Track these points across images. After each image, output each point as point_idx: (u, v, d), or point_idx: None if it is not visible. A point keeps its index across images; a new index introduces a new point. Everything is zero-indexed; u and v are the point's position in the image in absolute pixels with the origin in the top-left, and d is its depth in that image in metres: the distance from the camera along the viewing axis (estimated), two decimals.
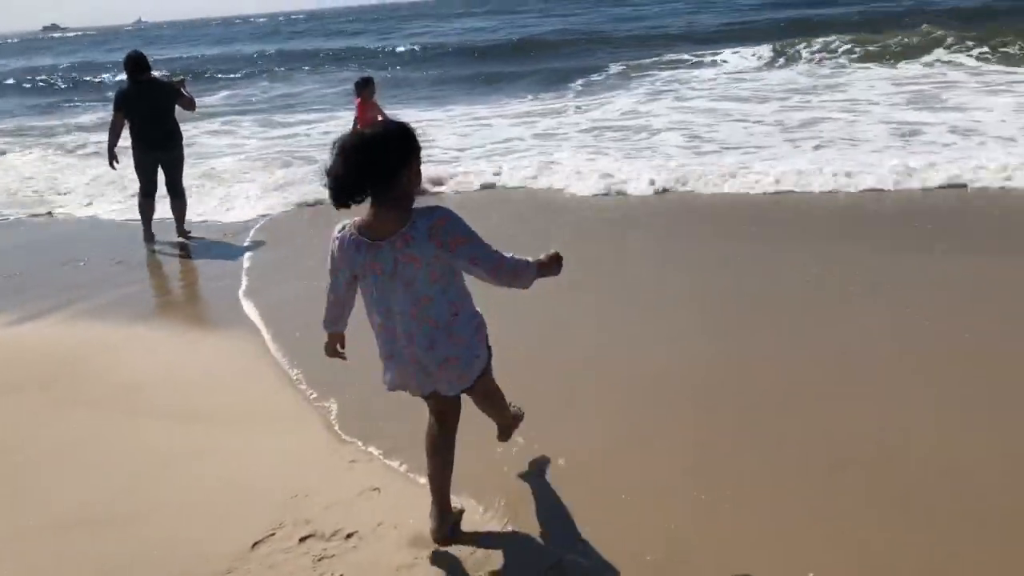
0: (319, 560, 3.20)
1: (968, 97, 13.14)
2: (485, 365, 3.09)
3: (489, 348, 3.11)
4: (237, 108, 21.15)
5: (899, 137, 10.57)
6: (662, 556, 3.08)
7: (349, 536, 3.34)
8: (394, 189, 2.76)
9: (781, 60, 20.79)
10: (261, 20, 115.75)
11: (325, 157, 2.78)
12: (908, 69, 17.48)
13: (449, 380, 3.00)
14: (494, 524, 3.36)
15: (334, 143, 2.76)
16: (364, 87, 10.08)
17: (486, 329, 3.08)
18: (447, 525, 3.20)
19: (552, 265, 3.04)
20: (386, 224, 2.79)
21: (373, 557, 3.20)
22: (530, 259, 2.97)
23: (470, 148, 12.64)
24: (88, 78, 33.66)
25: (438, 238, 2.75)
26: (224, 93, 25.43)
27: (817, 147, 10.38)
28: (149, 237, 8.46)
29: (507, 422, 3.60)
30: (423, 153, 2.88)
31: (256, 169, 11.82)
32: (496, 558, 3.15)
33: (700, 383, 4.45)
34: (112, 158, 8.40)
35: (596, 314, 5.56)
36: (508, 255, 2.90)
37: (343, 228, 2.89)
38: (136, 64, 8.22)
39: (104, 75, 33.02)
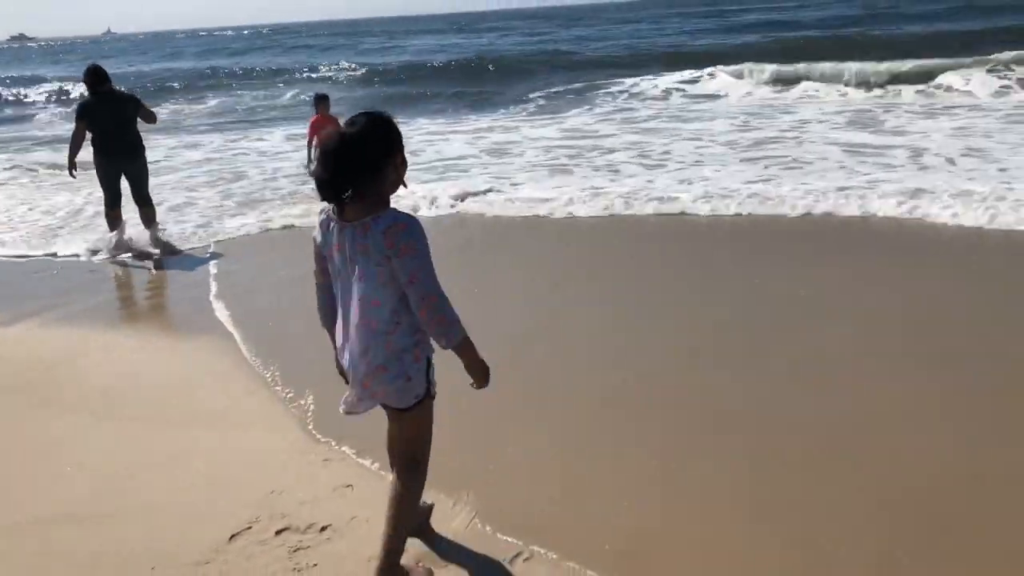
0: (295, 551, 3.33)
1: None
2: (420, 395, 2.91)
3: (430, 384, 2.94)
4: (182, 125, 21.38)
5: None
6: (623, 547, 3.26)
7: (323, 529, 3.48)
8: (379, 183, 2.74)
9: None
10: (228, 32, 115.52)
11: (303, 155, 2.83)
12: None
13: (374, 394, 2.90)
14: (463, 516, 3.51)
15: (318, 146, 2.76)
16: (321, 102, 10.48)
17: (430, 364, 2.92)
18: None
19: (480, 367, 2.87)
20: (357, 209, 2.75)
21: (346, 549, 3.33)
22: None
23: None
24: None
25: (391, 239, 2.69)
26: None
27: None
28: (119, 246, 8.53)
29: (406, 502, 3.01)
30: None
31: (204, 186, 12.09)
32: (464, 550, 3.30)
33: (664, 393, 4.65)
34: (72, 167, 8.42)
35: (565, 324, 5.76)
36: (447, 301, 2.77)
37: (324, 209, 2.88)
38: (95, 76, 8.32)
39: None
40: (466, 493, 3.66)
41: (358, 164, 2.68)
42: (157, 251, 8.51)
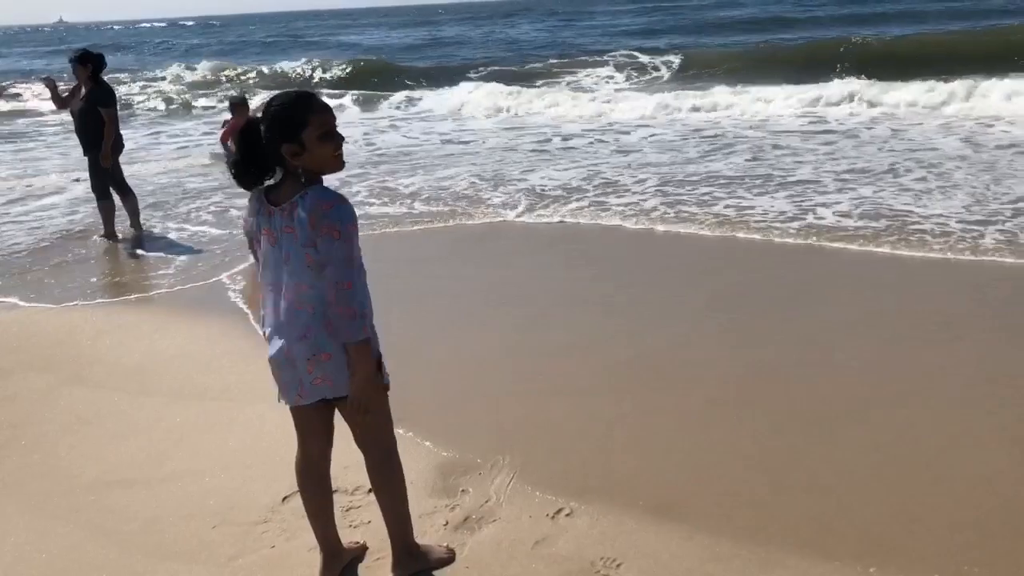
0: (347, 511, 3.53)
1: None
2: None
3: (383, 371, 2.84)
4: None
5: None
6: (656, 501, 3.51)
7: (370, 491, 3.66)
8: (286, 167, 2.66)
9: None
10: (190, 23, 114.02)
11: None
12: None
13: (314, 382, 2.75)
14: (503, 476, 3.74)
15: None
16: (240, 106, 9.77)
17: (377, 345, 2.79)
18: (339, 565, 3.13)
19: (364, 379, 2.70)
20: (283, 190, 2.69)
21: None
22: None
23: None
24: None
25: (314, 218, 2.58)
26: None
27: None
28: (110, 235, 8.53)
29: (394, 487, 3.04)
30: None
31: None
32: (507, 507, 3.52)
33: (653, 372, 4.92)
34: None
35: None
36: (362, 294, 2.68)
37: (255, 192, 2.78)
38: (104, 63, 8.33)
39: None
40: (504, 456, 3.88)
41: (258, 143, 2.64)
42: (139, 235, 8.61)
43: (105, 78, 8.41)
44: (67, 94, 8.58)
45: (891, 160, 10.11)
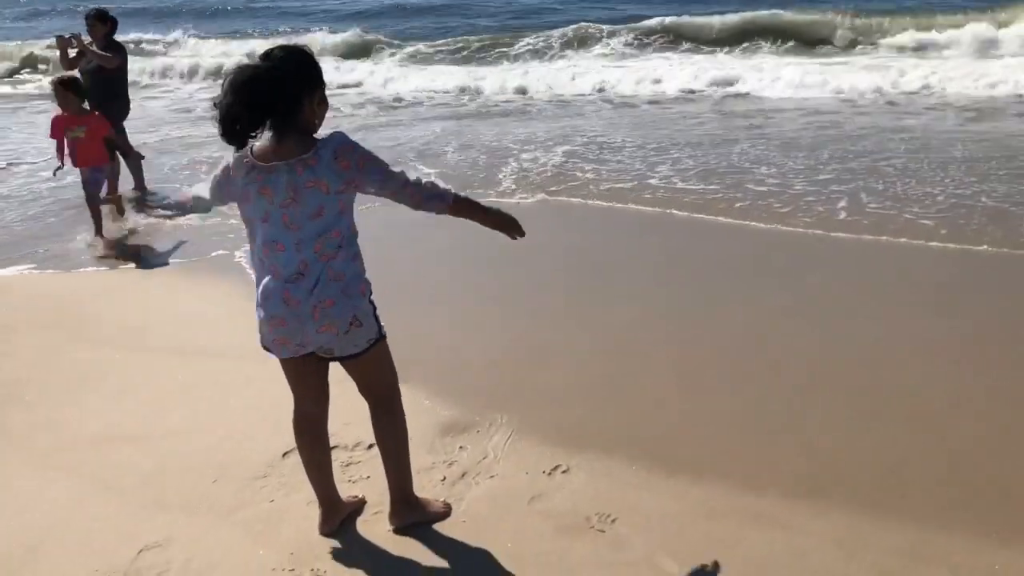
0: (346, 466, 3.57)
1: None
2: (375, 334, 2.84)
3: (380, 326, 2.87)
4: None
5: None
6: (653, 454, 3.54)
7: (371, 447, 3.69)
8: (295, 122, 2.60)
9: None
10: None
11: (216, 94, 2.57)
12: None
13: (319, 330, 2.71)
14: (501, 434, 3.77)
15: (224, 76, 2.57)
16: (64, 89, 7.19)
17: (374, 306, 2.84)
18: (337, 518, 3.16)
19: (500, 215, 2.91)
20: (284, 148, 2.61)
21: None
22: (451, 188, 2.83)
23: None
24: None
25: (345, 159, 2.61)
26: None
27: None
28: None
29: (396, 434, 3.09)
30: None
31: None
32: (505, 464, 3.55)
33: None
34: None
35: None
36: (414, 176, 2.77)
37: (244, 153, 2.68)
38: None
39: None
40: (502, 415, 3.91)
41: (273, 96, 2.52)
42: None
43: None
44: (76, 53, 8.26)
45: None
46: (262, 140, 2.64)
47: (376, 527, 3.18)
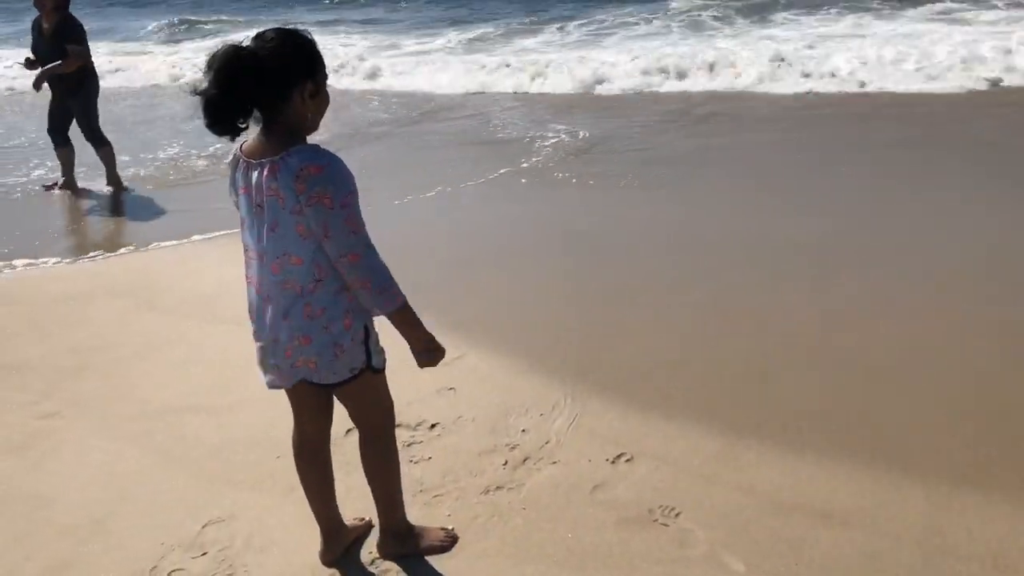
0: (408, 446, 3.55)
1: None
2: (356, 368, 2.52)
3: (371, 355, 2.55)
4: None
5: None
6: (716, 451, 3.44)
7: (433, 427, 3.70)
8: (281, 113, 2.29)
9: None
10: None
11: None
12: None
13: (295, 365, 2.48)
14: (564, 417, 3.71)
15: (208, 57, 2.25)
16: None
17: (368, 333, 2.52)
18: (340, 546, 2.95)
19: (422, 342, 2.52)
20: (263, 146, 2.33)
21: (457, 444, 3.55)
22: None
23: None
24: None
25: (302, 183, 2.23)
26: None
27: None
28: (70, 185, 8.01)
29: (386, 467, 2.83)
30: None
31: None
32: (568, 449, 3.49)
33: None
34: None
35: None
36: (380, 262, 2.36)
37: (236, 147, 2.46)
38: None
39: None
40: (566, 398, 3.85)
41: (257, 80, 2.21)
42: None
43: None
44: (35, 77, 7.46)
45: None
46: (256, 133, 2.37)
47: (436, 510, 3.16)
